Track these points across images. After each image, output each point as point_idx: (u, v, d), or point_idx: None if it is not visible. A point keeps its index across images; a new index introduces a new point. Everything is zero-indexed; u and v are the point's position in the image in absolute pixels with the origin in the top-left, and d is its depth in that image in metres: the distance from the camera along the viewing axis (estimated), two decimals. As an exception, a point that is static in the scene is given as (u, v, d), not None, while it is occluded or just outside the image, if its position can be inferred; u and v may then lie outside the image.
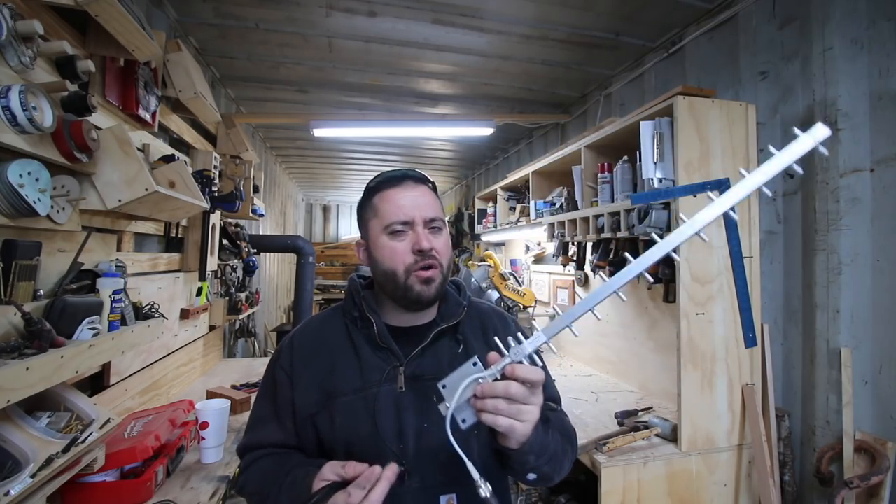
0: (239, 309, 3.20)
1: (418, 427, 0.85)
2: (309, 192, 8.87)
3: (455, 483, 0.83)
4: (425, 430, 0.84)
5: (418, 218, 0.87)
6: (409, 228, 0.87)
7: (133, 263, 1.84)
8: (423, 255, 0.86)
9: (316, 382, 0.89)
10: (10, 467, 0.99)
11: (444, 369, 0.77)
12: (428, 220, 0.88)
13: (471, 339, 0.93)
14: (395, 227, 0.87)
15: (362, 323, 0.91)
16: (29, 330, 1.08)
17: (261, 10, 2.35)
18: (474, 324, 0.96)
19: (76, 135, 1.22)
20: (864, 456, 1.60)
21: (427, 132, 4.28)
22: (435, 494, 0.83)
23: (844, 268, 1.67)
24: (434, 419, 0.82)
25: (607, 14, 2.37)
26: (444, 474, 0.84)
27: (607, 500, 1.64)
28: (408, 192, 0.90)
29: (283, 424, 0.91)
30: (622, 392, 2.41)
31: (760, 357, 1.82)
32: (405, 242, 0.87)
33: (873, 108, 1.63)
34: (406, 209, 0.88)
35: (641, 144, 1.86)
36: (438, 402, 0.72)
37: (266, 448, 0.92)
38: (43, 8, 1.25)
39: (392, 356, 0.88)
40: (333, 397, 0.86)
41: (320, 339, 0.94)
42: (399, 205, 0.88)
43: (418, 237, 0.86)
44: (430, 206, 0.90)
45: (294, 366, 0.92)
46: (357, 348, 0.90)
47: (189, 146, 2.50)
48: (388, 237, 0.88)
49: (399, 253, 0.87)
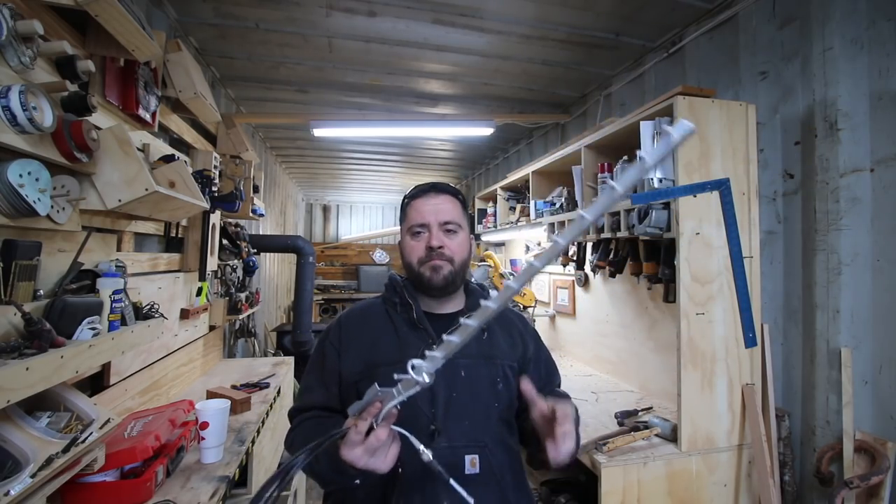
0: (239, 309, 3.20)
1: (447, 396, 1.00)
2: (309, 192, 8.86)
3: (478, 445, 1.00)
4: (453, 399, 1.00)
5: (433, 221, 1.06)
6: (426, 230, 1.07)
7: (133, 263, 1.83)
8: (433, 251, 1.04)
9: (360, 354, 1.06)
10: (10, 467, 0.99)
11: (471, 350, 0.94)
12: (443, 222, 1.07)
13: (496, 331, 1.11)
14: (415, 229, 1.08)
15: (402, 308, 1.09)
16: (29, 330, 1.08)
17: (261, 10, 2.35)
18: (500, 321, 1.12)
19: (76, 135, 1.22)
20: (864, 456, 1.60)
21: (427, 132, 4.28)
22: (461, 454, 0.98)
23: (844, 268, 1.67)
24: (461, 392, 1.01)
25: (607, 14, 2.37)
26: (468, 438, 0.99)
27: (607, 500, 1.64)
28: (430, 200, 1.09)
29: (329, 390, 1.07)
30: (622, 392, 2.41)
31: (760, 357, 1.82)
32: (421, 242, 1.07)
33: (873, 108, 1.63)
34: (424, 214, 1.07)
35: (641, 144, 1.86)
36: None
37: (313, 410, 1.08)
38: (43, 8, 1.25)
39: (427, 335, 1.04)
40: (375, 366, 1.01)
41: (364, 319, 1.12)
42: (420, 211, 1.08)
43: (431, 236, 1.06)
44: (446, 212, 1.08)
45: (342, 340, 1.09)
46: (397, 328, 1.07)
47: (189, 146, 2.50)
48: (410, 237, 1.09)
49: (415, 249, 1.07)
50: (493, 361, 1.07)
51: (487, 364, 1.06)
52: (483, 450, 0.99)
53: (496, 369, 1.06)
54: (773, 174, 1.96)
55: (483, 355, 1.06)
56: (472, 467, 0.98)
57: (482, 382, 1.04)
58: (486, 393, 1.04)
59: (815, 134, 1.76)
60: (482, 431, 1.01)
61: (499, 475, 1.00)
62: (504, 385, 1.06)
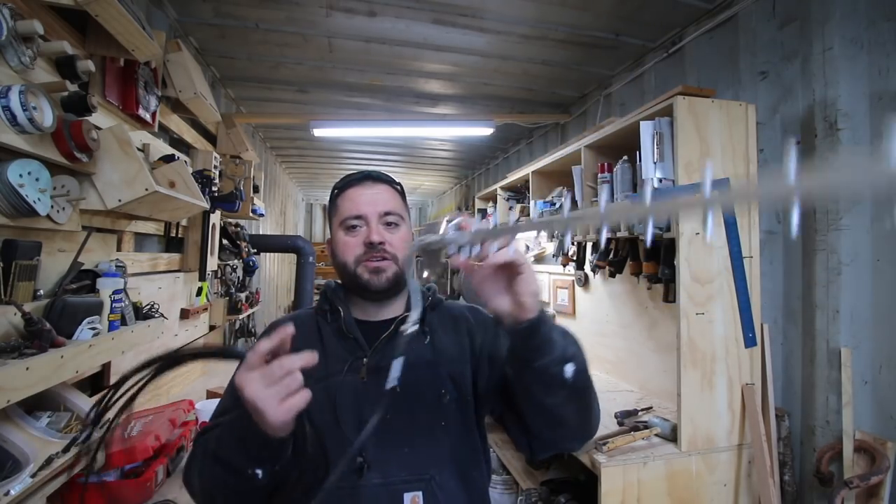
0: (239, 309, 3.20)
1: (379, 418, 0.79)
2: (309, 192, 8.86)
3: (421, 479, 0.81)
4: (387, 421, 0.79)
5: (371, 213, 0.90)
6: (364, 224, 0.90)
7: (133, 263, 1.83)
8: (373, 247, 0.88)
9: None
10: (11, 467, 0.99)
11: (409, 360, 0.76)
12: (382, 213, 0.90)
13: (439, 332, 0.93)
14: (350, 222, 0.90)
15: (332, 316, 0.93)
16: (29, 330, 1.08)
17: (261, 10, 2.35)
18: (445, 321, 0.96)
19: (76, 135, 1.22)
20: (863, 456, 1.60)
21: (427, 132, 4.28)
22: (398, 492, 0.79)
23: (844, 268, 1.67)
24: (397, 412, 0.80)
25: (607, 14, 2.37)
26: (408, 470, 0.81)
27: (607, 500, 1.64)
28: (365, 189, 0.93)
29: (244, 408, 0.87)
30: (622, 392, 2.41)
31: (760, 357, 1.82)
32: (358, 237, 0.90)
33: (873, 108, 1.62)
34: (360, 205, 0.90)
35: (641, 144, 1.86)
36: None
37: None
38: (43, 8, 1.25)
39: (357, 346, 0.88)
40: None
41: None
42: (355, 201, 0.91)
43: (370, 231, 0.89)
44: (385, 202, 0.92)
45: None
46: (323, 339, 0.91)
47: (189, 146, 2.50)
48: (343, 232, 0.91)
49: (351, 246, 0.90)
50: (436, 370, 0.88)
51: (429, 373, 0.87)
52: (428, 484, 0.80)
53: (440, 379, 0.87)
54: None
55: (423, 364, 0.87)
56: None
57: (423, 397, 0.85)
58: (429, 410, 0.85)
59: (815, 134, 1.76)
60: (427, 460, 0.82)
61: None
62: (453, 397, 0.87)
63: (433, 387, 0.87)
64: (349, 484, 0.78)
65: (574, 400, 0.76)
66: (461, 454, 0.86)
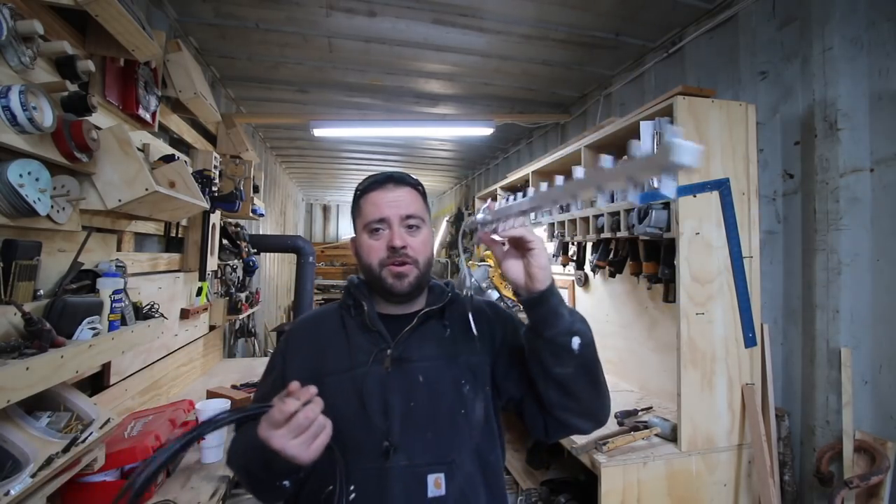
0: (239, 309, 3.20)
1: (404, 407, 0.88)
2: (309, 192, 8.87)
3: (443, 462, 0.87)
4: (412, 409, 0.88)
5: (394, 216, 0.93)
6: (386, 227, 0.93)
7: (133, 263, 1.84)
8: (396, 251, 0.91)
9: (307, 363, 0.95)
10: (10, 467, 0.99)
11: (430, 350, 0.90)
12: (404, 216, 0.94)
13: (459, 325, 0.97)
14: (373, 226, 0.94)
15: (356, 310, 0.97)
16: (29, 330, 1.08)
17: (261, 10, 2.35)
18: (462, 310, 0.99)
19: (76, 135, 1.22)
20: (863, 456, 1.60)
21: (427, 132, 4.28)
22: (422, 473, 0.85)
23: (844, 268, 1.67)
24: (420, 400, 0.89)
25: (607, 14, 2.37)
26: (431, 453, 0.87)
27: (607, 500, 1.64)
28: (388, 192, 0.96)
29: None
30: (622, 392, 2.41)
31: (760, 357, 1.82)
32: (381, 240, 0.93)
33: (873, 108, 1.63)
34: (382, 208, 0.94)
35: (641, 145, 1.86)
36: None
37: None
38: (43, 8, 1.25)
39: (380, 338, 0.93)
40: (322, 376, 0.90)
41: (315, 325, 1.03)
42: (377, 205, 0.95)
43: (392, 235, 0.92)
44: (407, 205, 0.95)
45: (288, 350, 1.00)
46: (348, 332, 0.96)
47: (189, 146, 2.50)
48: (367, 235, 0.95)
49: (375, 249, 0.94)
50: (455, 360, 0.94)
51: (450, 364, 0.93)
52: (450, 467, 0.86)
53: (460, 369, 0.93)
54: (772, 174, 1.96)
55: (444, 355, 0.94)
56: (437, 489, 0.85)
57: (444, 386, 0.91)
58: (449, 398, 0.91)
59: (814, 134, 1.76)
60: (448, 445, 0.88)
61: (469, 496, 0.87)
62: (472, 386, 0.93)
63: (454, 377, 0.93)
64: (377, 465, 0.85)
65: (583, 373, 0.85)
66: (479, 439, 0.91)
